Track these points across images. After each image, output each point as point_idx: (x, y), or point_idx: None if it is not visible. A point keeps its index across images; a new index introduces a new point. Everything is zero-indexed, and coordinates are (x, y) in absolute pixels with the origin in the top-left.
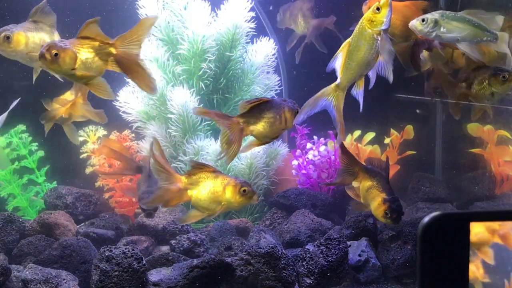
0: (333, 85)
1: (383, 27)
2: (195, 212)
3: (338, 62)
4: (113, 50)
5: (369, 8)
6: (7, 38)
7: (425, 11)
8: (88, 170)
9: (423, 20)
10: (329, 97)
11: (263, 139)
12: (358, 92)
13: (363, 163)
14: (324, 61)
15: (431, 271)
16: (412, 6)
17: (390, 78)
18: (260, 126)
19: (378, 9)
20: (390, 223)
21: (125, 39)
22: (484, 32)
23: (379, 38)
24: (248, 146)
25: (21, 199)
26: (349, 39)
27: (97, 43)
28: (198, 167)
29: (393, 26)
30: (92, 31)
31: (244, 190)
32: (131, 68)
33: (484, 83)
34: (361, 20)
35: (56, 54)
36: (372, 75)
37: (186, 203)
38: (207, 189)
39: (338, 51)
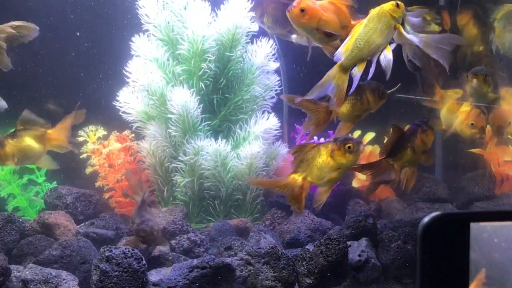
0: (336, 65)
1: (400, 21)
2: (321, 190)
3: (344, 44)
4: None
5: (296, 10)
6: (302, 10)
7: (352, 7)
8: (88, 170)
9: None
10: (334, 79)
11: (348, 120)
12: (356, 75)
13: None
14: (324, 61)
15: (431, 271)
16: (337, 2)
17: (388, 72)
18: (344, 108)
19: (397, 5)
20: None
21: None
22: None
23: (396, 30)
24: (339, 130)
25: (21, 199)
26: (364, 21)
27: None
28: (297, 151)
29: (325, 25)
30: None
31: (349, 147)
32: None
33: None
34: (382, 6)
35: None
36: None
37: (186, 203)
38: (318, 167)
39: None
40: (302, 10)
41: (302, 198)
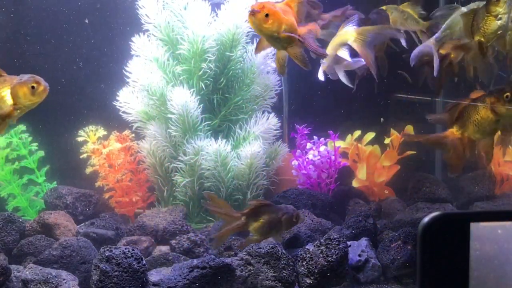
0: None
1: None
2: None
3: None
4: None
5: (260, 15)
6: (266, 15)
7: (302, 6)
8: (88, 170)
9: None
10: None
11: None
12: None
13: None
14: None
15: (431, 271)
16: (291, 3)
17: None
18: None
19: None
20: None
21: None
22: None
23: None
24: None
25: (21, 199)
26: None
27: None
28: (451, 109)
29: (289, 29)
30: None
31: (507, 96)
32: None
33: None
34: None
35: None
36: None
37: (186, 203)
38: (477, 123)
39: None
40: (267, 15)
41: (463, 155)
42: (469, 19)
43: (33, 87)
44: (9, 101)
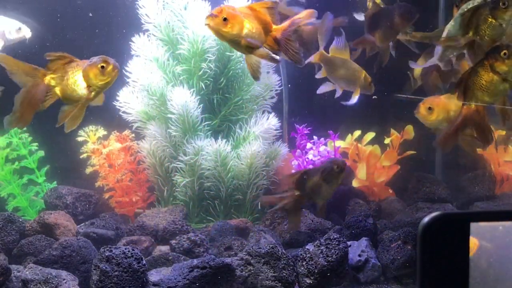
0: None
1: None
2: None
3: None
4: None
5: (218, 19)
6: (225, 19)
7: (273, 9)
8: (88, 170)
9: None
10: None
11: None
12: None
13: None
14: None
15: (431, 271)
16: (257, 7)
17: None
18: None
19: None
20: None
21: None
22: None
23: None
24: None
25: (21, 199)
26: None
27: None
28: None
29: (250, 34)
30: None
31: (505, 53)
32: None
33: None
34: None
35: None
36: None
37: (186, 203)
38: (484, 88)
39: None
40: (225, 19)
41: (486, 125)
42: (467, 15)
43: (102, 67)
44: (82, 84)
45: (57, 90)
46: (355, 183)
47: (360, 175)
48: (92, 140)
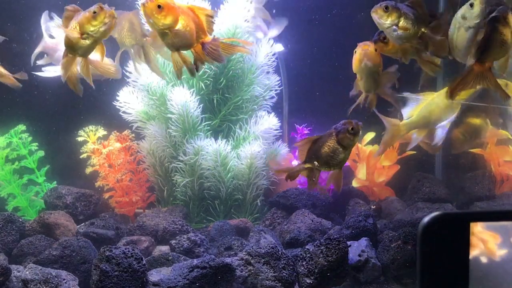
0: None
1: None
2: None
3: None
4: None
5: (153, 4)
6: (159, 6)
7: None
8: (88, 170)
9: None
10: None
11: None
12: None
13: None
14: (323, 62)
15: (431, 271)
16: (197, 10)
17: None
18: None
19: None
20: None
21: None
22: None
23: None
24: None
25: (21, 199)
26: None
27: None
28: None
29: (180, 28)
30: None
31: None
32: None
33: None
34: None
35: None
36: None
37: (186, 203)
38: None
39: None
40: (159, 6)
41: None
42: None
43: (94, 12)
44: (76, 30)
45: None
46: (355, 183)
47: (360, 175)
48: (92, 140)
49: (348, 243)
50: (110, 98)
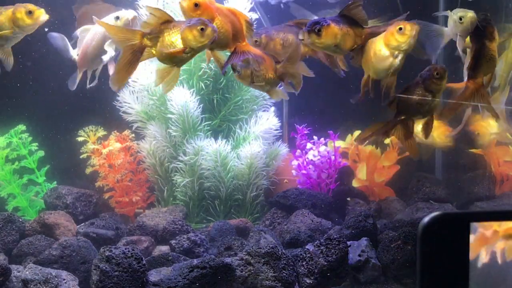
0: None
1: None
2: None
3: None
4: None
5: (190, 3)
6: (196, 5)
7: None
8: (88, 170)
9: None
10: None
11: None
12: None
13: None
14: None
15: (431, 271)
16: (237, 13)
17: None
18: None
19: None
20: None
21: None
22: None
23: None
24: None
25: (21, 199)
26: None
27: None
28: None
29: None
30: None
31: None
32: None
33: None
34: None
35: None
36: None
37: (186, 203)
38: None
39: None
40: (196, 5)
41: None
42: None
43: (202, 29)
44: (179, 44)
45: (153, 50)
46: (355, 183)
47: (360, 175)
48: (92, 140)
49: (348, 243)
50: (110, 98)
